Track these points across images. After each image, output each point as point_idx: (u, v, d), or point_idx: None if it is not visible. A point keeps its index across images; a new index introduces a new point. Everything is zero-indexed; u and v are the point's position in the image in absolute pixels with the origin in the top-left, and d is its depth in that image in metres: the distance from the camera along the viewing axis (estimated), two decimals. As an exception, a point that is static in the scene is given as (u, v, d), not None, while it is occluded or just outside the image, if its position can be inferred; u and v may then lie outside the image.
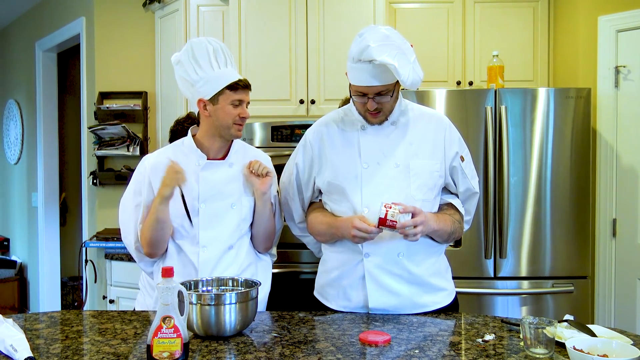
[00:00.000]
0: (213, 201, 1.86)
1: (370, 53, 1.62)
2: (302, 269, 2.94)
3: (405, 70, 1.62)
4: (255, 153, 2.01)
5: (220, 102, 1.82)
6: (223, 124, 1.84)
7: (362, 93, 1.72)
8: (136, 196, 1.93)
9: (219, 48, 1.84)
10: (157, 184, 1.86)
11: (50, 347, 1.47)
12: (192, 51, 1.82)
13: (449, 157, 1.83)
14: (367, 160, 1.78)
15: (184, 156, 1.89)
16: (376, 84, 1.68)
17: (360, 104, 1.76)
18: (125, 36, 3.88)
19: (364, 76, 1.67)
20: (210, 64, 1.81)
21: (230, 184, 1.89)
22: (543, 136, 2.85)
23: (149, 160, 1.94)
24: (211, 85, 1.81)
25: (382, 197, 1.73)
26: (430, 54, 3.32)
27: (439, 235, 1.79)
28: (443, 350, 1.44)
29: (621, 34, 2.97)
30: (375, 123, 1.79)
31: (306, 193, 1.93)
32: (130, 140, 3.74)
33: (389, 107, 1.76)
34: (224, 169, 1.90)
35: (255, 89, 3.20)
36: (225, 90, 1.81)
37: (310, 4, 3.16)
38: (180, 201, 1.86)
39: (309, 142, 1.90)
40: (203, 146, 1.90)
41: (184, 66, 1.84)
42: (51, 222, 4.83)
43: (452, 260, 1.98)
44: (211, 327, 1.51)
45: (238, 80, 1.82)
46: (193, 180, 1.86)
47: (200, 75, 1.81)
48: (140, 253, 1.94)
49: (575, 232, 2.87)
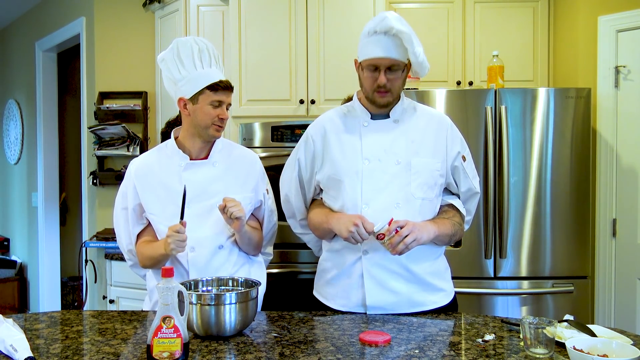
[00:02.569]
0: (198, 201, 1.84)
1: (387, 22, 1.69)
2: (301, 269, 2.94)
3: (418, 47, 1.72)
4: (240, 152, 1.99)
5: (200, 102, 1.81)
6: (202, 124, 1.83)
7: (375, 66, 1.74)
8: (123, 200, 1.92)
9: (205, 48, 1.83)
10: (141, 188, 1.86)
11: (50, 347, 1.47)
12: (177, 50, 1.82)
13: (451, 156, 1.83)
14: (368, 156, 1.78)
15: (168, 158, 1.89)
16: (390, 56, 1.71)
17: (371, 78, 1.76)
18: (125, 36, 3.88)
19: (378, 47, 1.71)
20: (194, 63, 1.80)
21: (214, 183, 1.87)
22: (543, 136, 2.85)
23: (134, 164, 1.94)
24: (192, 84, 1.80)
25: (382, 193, 1.74)
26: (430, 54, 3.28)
27: (440, 240, 1.79)
28: (443, 350, 1.44)
29: (621, 34, 2.97)
30: (382, 104, 1.79)
31: (308, 189, 1.92)
32: (130, 140, 3.74)
33: (397, 86, 1.77)
34: (207, 169, 1.88)
35: (255, 89, 3.24)
36: (206, 90, 1.80)
37: (310, 4, 3.16)
38: (167, 203, 1.84)
39: (311, 137, 1.89)
40: (185, 147, 1.88)
41: (168, 64, 1.84)
42: (51, 222, 4.83)
43: (452, 260, 1.98)
44: (211, 327, 1.50)
45: (219, 81, 1.81)
46: (176, 181, 1.85)
47: (183, 74, 1.81)
48: (132, 256, 1.96)
49: (575, 232, 2.87)
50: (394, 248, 1.63)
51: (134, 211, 1.89)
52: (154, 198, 1.86)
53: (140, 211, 1.89)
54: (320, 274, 1.93)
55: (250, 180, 1.94)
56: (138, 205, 1.88)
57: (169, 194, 1.84)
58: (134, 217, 1.90)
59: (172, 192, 1.84)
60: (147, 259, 1.87)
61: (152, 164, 1.90)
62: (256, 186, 1.95)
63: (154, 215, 1.87)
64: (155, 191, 1.86)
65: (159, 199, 1.85)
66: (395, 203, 1.74)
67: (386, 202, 1.74)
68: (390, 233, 1.63)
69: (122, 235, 1.95)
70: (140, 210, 1.89)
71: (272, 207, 2.03)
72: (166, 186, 1.85)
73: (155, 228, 1.88)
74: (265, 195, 1.98)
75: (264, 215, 2.00)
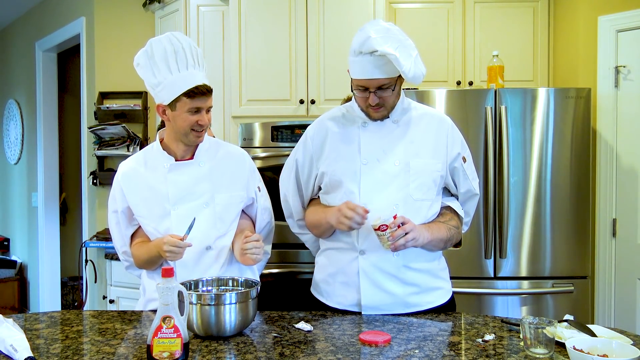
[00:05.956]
0: (184, 202, 1.82)
1: (371, 44, 1.62)
2: (300, 269, 2.94)
3: (407, 62, 1.62)
4: (227, 149, 1.95)
5: (177, 109, 1.74)
6: (181, 130, 1.78)
7: (364, 87, 1.71)
8: (113, 203, 1.92)
9: (180, 48, 1.72)
10: (128, 191, 1.85)
11: (50, 347, 1.47)
12: (151, 51, 1.73)
13: (451, 157, 1.82)
14: (366, 156, 1.78)
15: (153, 160, 1.87)
16: (377, 77, 1.66)
17: (362, 98, 1.74)
18: (125, 36, 3.88)
19: (365, 69, 1.66)
20: (169, 66, 1.71)
21: (200, 183, 1.84)
22: (543, 136, 2.85)
23: (122, 167, 1.91)
24: (168, 90, 1.72)
25: (381, 194, 1.74)
26: (430, 54, 3.32)
27: (434, 245, 1.77)
28: (443, 350, 1.44)
29: (621, 34, 2.97)
30: (377, 118, 1.78)
31: (306, 190, 1.92)
32: (130, 140, 3.74)
33: (390, 101, 1.75)
34: (193, 169, 1.85)
35: (255, 89, 3.24)
36: (182, 97, 1.71)
37: (310, 4, 3.16)
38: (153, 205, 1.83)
39: (309, 138, 1.89)
40: (170, 149, 1.86)
41: (143, 69, 1.77)
42: (51, 222, 4.83)
43: (452, 260, 1.98)
44: (211, 327, 1.50)
45: (194, 88, 1.71)
46: (162, 183, 1.83)
47: (159, 79, 1.72)
48: (128, 257, 1.96)
49: (575, 232, 2.87)
50: (394, 242, 1.62)
51: (123, 214, 1.88)
52: (141, 200, 1.85)
53: (129, 214, 1.89)
54: (317, 272, 1.93)
55: (238, 178, 1.91)
56: (127, 208, 1.87)
57: (155, 196, 1.83)
58: (125, 220, 1.90)
59: (158, 194, 1.82)
60: (141, 261, 1.87)
61: (138, 167, 1.88)
62: (246, 184, 1.92)
63: (141, 217, 1.86)
64: (141, 193, 1.85)
65: (146, 201, 1.84)
66: (394, 204, 1.74)
67: (385, 202, 1.74)
68: (394, 226, 1.63)
69: (116, 237, 1.95)
70: (129, 212, 1.88)
71: (265, 204, 1.99)
72: (152, 188, 1.84)
73: (145, 230, 1.88)
74: (257, 193, 1.95)
75: (256, 212, 1.97)
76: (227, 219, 1.87)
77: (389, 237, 1.63)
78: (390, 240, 1.63)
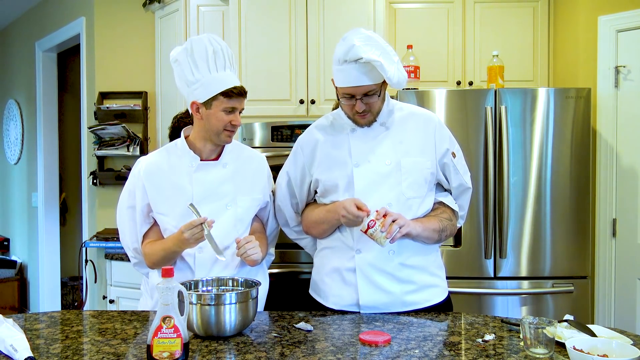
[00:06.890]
0: (207, 202, 1.83)
1: (356, 52, 1.66)
2: (301, 269, 2.94)
3: (391, 68, 1.67)
4: (250, 153, 1.99)
5: (213, 108, 1.79)
6: (213, 129, 1.81)
7: (350, 95, 1.74)
8: (130, 198, 1.90)
9: (220, 49, 1.78)
10: (150, 188, 1.85)
11: (50, 347, 1.47)
12: (191, 50, 1.78)
13: (440, 153, 1.84)
14: (357, 159, 1.80)
15: (178, 158, 1.88)
16: (363, 84, 1.69)
17: (349, 106, 1.77)
18: (125, 36, 3.88)
19: (350, 77, 1.69)
20: (208, 66, 1.77)
21: (224, 184, 1.87)
22: (543, 136, 2.85)
23: (142, 163, 1.91)
24: (206, 89, 1.77)
25: (374, 195, 1.76)
26: (430, 54, 3.33)
27: (428, 235, 1.79)
28: (443, 350, 1.44)
29: (621, 34, 2.97)
30: (364, 124, 1.81)
31: (300, 198, 1.94)
32: (130, 140, 3.74)
33: (376, 107, 1.78)
34: (218, 170, 1.87)
35: (255, 89, 3.23)
36: (219, 96, 1.77)
37: (310, 4, 3.16)
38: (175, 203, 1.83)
39: (300, 148, 1.92)
40: (196, 148, 1.87)
41: (181, 65, 1.81)
42: (51, 222, 4.83)
43: (451, 260, 1.98)
44: (211, 327, 1.51)
45: (233, 88, 1.77)
46: (187, 182, 1.84)
47: (197, 77, 1.77)
48: (137, 254, 1.94)
49: (575, 232, 2.87)
50: (388, 230, 1.63)
51: (141, 211, 1.88)
52: (163, 198, 1.85)
53: (147, 211, 1.88)
54: (314, 272, 1.95)
55: (258, 182, 1.95)
56: (146, 205, 1.87)
57: (178, 194, 1.84)
58: (142, 217, 1.89)
59: (181, 192, 1.83)
60: (157, 257, 1.84)
61: (161, 164, 1.89)
62: (264, 188, 1.96)
63: (162, 215, 1.86)
64: (164, 191, 1.85)
65: (168, 198, 1.84)
66: (387, 203, 1.76)
67: (379, 202, 1.75)
68: (380, 217, 1.65)
69: (127, 233, 1.93)
70: (147, 209, 1.88)
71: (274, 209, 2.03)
72: (176, 186, 1.85)
73: (163, 228, 1.87)
74: (271, 196, 1.99)
75: (268, 216, 2.01)
76: (246, 221, 1.91)
77: (381, 229, 1.64)
78: (383, 231, 1.64)
